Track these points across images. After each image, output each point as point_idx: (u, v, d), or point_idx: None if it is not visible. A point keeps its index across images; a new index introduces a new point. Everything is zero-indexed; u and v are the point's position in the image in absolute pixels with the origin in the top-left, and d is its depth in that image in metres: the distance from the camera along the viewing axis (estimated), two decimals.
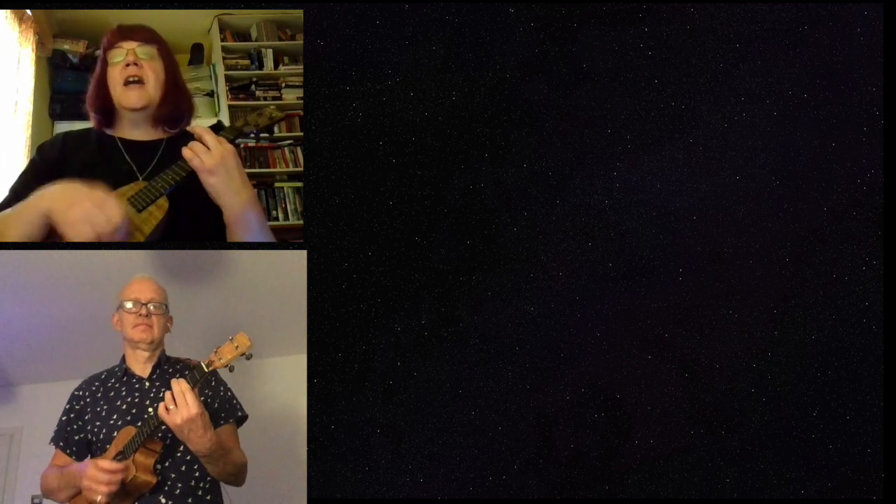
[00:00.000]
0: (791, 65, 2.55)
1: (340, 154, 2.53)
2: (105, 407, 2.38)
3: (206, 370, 2.19)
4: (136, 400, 2.38)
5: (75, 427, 2.40)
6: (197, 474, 2.31)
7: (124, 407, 2.37)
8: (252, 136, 2.68)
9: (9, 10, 2.74)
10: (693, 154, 2.55)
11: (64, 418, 2.43)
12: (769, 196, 2.55)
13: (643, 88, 2.55)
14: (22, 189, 2.28)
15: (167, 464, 2.28)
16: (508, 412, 2.54)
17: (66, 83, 3.10)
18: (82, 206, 2.15)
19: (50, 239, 2.19)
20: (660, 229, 2.55)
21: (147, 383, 2.41)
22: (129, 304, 2.42)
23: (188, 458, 2.30)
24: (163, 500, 2.26)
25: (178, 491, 2.28)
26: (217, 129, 2.41)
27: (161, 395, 2.32)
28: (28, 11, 2.83)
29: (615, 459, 2.54)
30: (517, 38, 2.54)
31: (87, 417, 2.39)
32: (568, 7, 2.54)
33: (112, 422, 2.34)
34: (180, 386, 2.14)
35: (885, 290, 2.53)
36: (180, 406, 2.13)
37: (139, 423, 2.27)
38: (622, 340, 2.55)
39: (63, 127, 2.98)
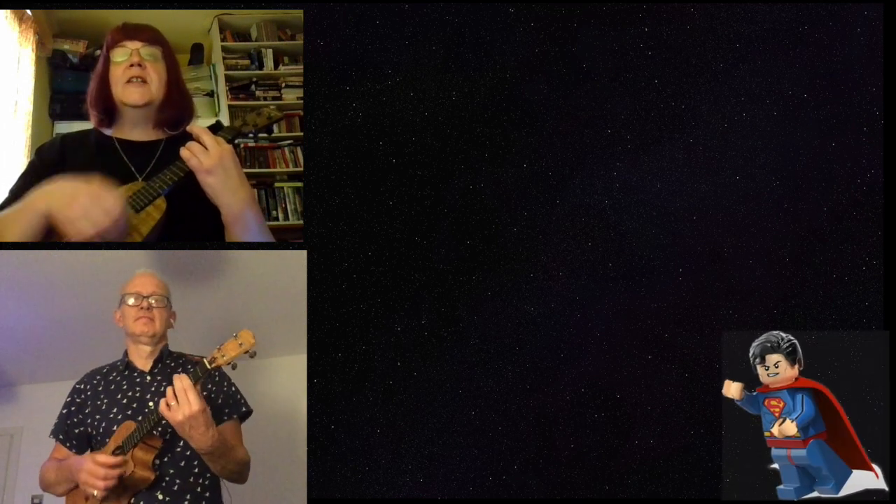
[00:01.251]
0: (791, 65, 2.55)
1: (340, 154, 2.53)
2: (106, 400, 2.38)
3: (208, 367, 2.18)
4: (137, 394, 2.38)
5: (75, 420, 2.40)
6: (196, 471, 2.31)
7: (125, 401, 2.37)
8: (251, 136, 2.69)
9: (9, 10, 2.74)
10: (693, 154, 2.55)
11: (64, 411, 2.43)
12: (769, 196, 2.54)
13: (643, 88, 2.55)
14: (21, 191, 2.28)
15: (166, 459, 2.29)
16: (508, 412, 2.54)
17: (66, 83, 3.09)
18: (80, 202, 2.15)
19: (49, 238, 2.19)
20: (660, 229, 2.55)
21: (148, 377, 2.41)
22: (130, 300, 2.42)
23: (188, 453, 2.30)
24: (160, 497, 2.25)
25: (175, 487, 2.27)
26: (215, 129, 2.41)
27: (162, 389, 2.33)
28: (28, 11, 2.82)
29: (615, 459, 2.54)
30: (517, 38, 2.54)
31: (87, 411, 2.39)
32: (568, 7, 2.54)
33: (112, 415, 2.34)
34: (182, 382, 2.14)
35: (885, 290, 2.53)
36: (182, 403, 2.12)
37: (139, 418, 2.27)
38: (622, 340, 2.55)
39: (63, 127, 2.98)
